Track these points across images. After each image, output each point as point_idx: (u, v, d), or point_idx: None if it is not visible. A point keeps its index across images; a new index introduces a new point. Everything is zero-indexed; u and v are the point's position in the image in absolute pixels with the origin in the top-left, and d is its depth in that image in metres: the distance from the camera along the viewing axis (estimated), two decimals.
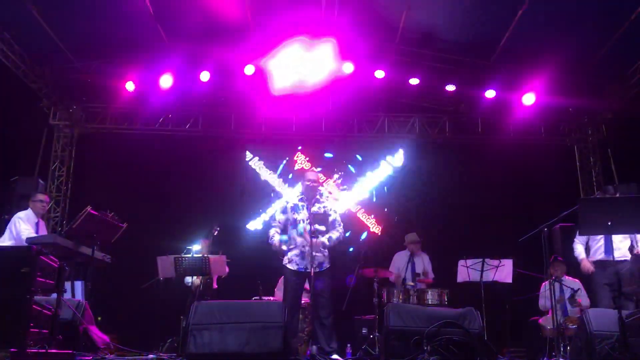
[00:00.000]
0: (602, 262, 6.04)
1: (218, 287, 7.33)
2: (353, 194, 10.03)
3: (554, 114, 9.86)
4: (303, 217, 5.47)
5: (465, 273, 6.79)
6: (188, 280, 7.12)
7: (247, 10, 8.11)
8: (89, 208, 5.12)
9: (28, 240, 5.12)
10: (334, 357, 5.20)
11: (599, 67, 8.49)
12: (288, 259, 5.46)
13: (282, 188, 9.98)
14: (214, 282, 7.27)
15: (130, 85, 9.08)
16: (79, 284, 6.95)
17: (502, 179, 9.46)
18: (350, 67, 8.81)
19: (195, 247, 7.26)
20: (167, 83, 9.04)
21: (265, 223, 9.56)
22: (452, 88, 9.31)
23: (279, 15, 8.36)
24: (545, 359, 6.01)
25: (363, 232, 9.82)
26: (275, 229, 5.53)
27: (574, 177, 10.02)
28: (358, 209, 9.95)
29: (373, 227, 9.85)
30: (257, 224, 9.79)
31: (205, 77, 9.02)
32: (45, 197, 6.32)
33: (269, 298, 7.13)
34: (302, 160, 10.12)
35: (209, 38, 8.73)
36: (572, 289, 6.47)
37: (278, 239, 5.46)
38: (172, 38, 8.49)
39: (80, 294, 6.85)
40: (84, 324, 5.12)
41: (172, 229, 8.59)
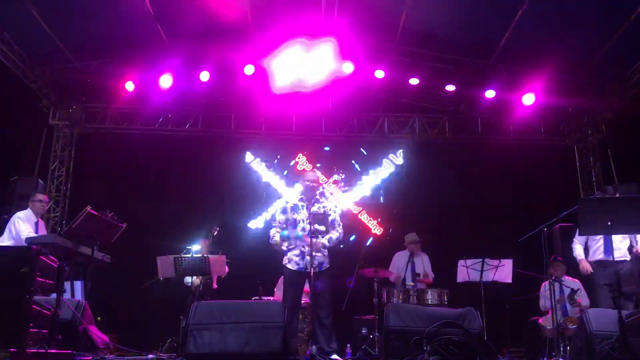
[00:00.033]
0: (601, 262, 6.05)
1: (218, 287, 7.33)
2: (354, 194, 10.02)
3: (554, 114, 9.87)
4: (303, 217, 5.46)
5: (465, 273, 6.79)
6: (188, 280, 7.12)
7: (246, 11, 8.12)
8: (89, 208, 5.12)
9: (27, 240, 5.12)
10: (334, 357, 5.20)
11: (599, 67, 8.50)
12: (288, 259, 5.45)
13: (282, 188, 9.97)
14: (214, 282, 7.26)
15: (130, 85, 9.08)
16: (79, 284, 6.94)
17: (502, 179, 9.46)
18: (350, 67, 8.81)
19: (195, 247, 7.26)
20: (166, 83, 9.04)
21: (267, 222, 9.56)
22: (452, 88, 9.31)
23: (279, 15, 8.37)
24: (545, 359, 6.02)
25: (363, 232, 9.80)
26: (276, 229, 5.54)
27: (574, 177, 10.01)
28: (359, 211, 9.93)
29: (374, 228, 9.84)
30: (258, 223, 9.79)
31: (205, 77, 9.02)
32: (45, 197, 6.31)
33: (269, 298, 7.12)
34: (303, 162, 10.11)
35: (209, 38, 8.74)
36: (571, 289, 6.47)
37: (279, 237, 5.46)
38: (171, 38, 8.49)
39: (80, 294, 6.84)
40: (84, 324, 5.12)
41: (171, 229, 8.58)
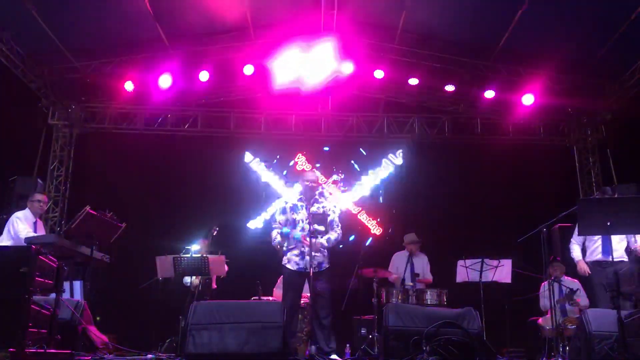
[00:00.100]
0: (599, 262, 6.05)
1: (217, 287, 7.32)
2: (353, 194, 10.02)
3: (553, 114, 9.87)
4: (302, 217, 5.46)
5: (465, 273, 6.79)
6: (187, 280, 7.11)
7: (246, 11, 8.11)
8: (88, 208, 5.12)
9: (27, 240, 5.11)
10: (333, 357, 5.20)
11: (598, 67, 8.50)
12: (287, 259, 5.45)
13: (281, 188, 9.96)
14: (213, 282, 7.25)
15: (130, 85, 9.07)
16: (78, 284, 6.92)
17: (501, 179, 9.45)
18: (350, 67, 8.81)
19: (194, 247, 7.25)
20: (166, 83, 9.03)
21: (266, 222, 9.55)
22: (451, 88, 9.31)
23: (278, 16, 8.37)
24: (545, 359, 6.02)
25: (363, 232, 9.79)
26: (277, 230, 5.54)
27: (573, 177, 10.01)
28: (359, 211, 9.92)
29: (374, 228, 9.83)
30: (257, 223, 9.78)
31: (205, 77, 9.02)
32: (44, 197, 6.30)
33: (268, 298, 7.12)
34: (302, 162, 10.11)
35: (208, 38, 8.75)
36: (571, 290, 6.47)
37: (280, 238, 5.47)
38: (171, 38, 8.49)
39: (79, 294, 6.82)
40: (83, 324, 5.11)
41: (171, 229, 8.58)
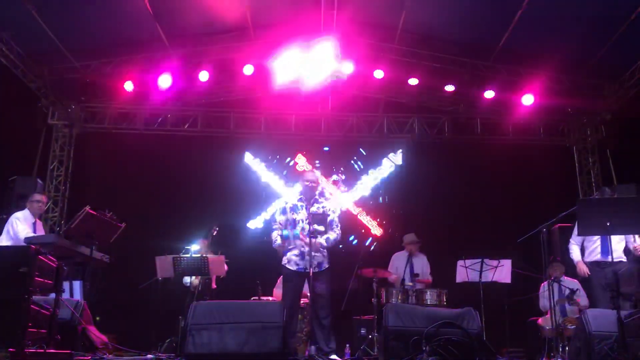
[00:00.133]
0: (598, 262, 6.03)
1: (217, 287, 7.32)
2: (353, 194, 10.01)
3: (553, 115, 9.87)
4: (302, 217, 5.46)
5: (464, 273, 6.78)
6: (187, 280, 7.12)
7: (246, 11, 8.11)
8: (88, 208, 5.12)
9: (27, 240, 5.11)
10: (333, 357, 5.20)
11: (598, 67, 8.51)
12: (287, 259, 5.45)
13: (281, 188, 9.96)
14: (213, 282, 7.25)
15: (129, 85, 9.06)
16: (78, 284, 6.91)
17: (501, 179, 9.45)
18: (350, 67, 8.80)
19: (194, 247, 7.25)
20: (166, 83, 9.03)
21: (266, 222, 9.55)
22: (451, 88, 9.31)
23: (278, 16, 8.37)
24: (544, 359, 6.02)
25: (364, 234, 9.77)
26: (277, 232, 5.55)
27: (573, 177, 10.01)
28: (359, 211, 9.92)
29: (374, 228, 9.82)
30: (257, 223, 9.77)
31: (204, 77, 9.01)
32: (43, 197, 6.30)
33: (268, 298, 7.12)
34: (302, 162, 10.10)
35: (208, 38, 8.74)
36: (571, 290, 6.47)
37: (280, 239, 5.47)
38: (171, 38, 8.49)
39: (79, 294, 6.82)
40: (83, 324, 5.10)
41: (170, 229, 8.57)
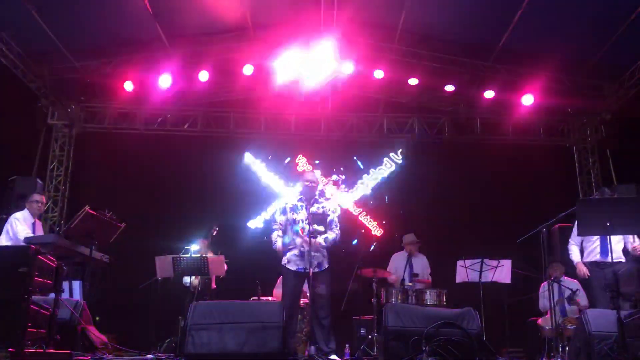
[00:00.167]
0: (597, 263, 6.03)
1: (217, 287, 7.32)
2: (353, 194, 9.99)
3: (553, 115, 9.88)
4: (302, 217, 5.47)
5: (464, 273, 6.78)
6: (186, 280, 7.12)
7: (246, 11, 8.11)
8: (87, 208, 5.12)
9: (26, 240, 5.11)
10: (332, 357, 5.20)
11: (598, 67, 8.51)
12: (287, 259, 5.45)
13: (281, 188, 9.95)
14: (213, 282, 7.26)
15: (129, 85, 9.06)
16: (77, 284, 6.91)
17: (501, 180, 9.45)
18: (350, 66, 8.80)
19: (194, 247, 7.25)
20: (166, 83, 9.03)
21: (266, 222, 9.54)
22: (451, 88, 9.31)
23: (278, 15, 8.37)
24: (544, 359, 6.02)
25: (366, 236, 9.74)
26: (277, 232, 5.55)
27: (573, 177, 10.02)
28: (359, 212, 9.90)
29: (374, 229, 9.81)
30: (257, 223, 9.76)
31: (204, 77, 9.01)
32: (42, 197, 6.29)
33: (268, 298, 7.12)
34: (302, 162, 10.09)
35: (208, 38, 8.74)
36: (570, 290, 6.47)
37: (281, 243, 5.48)
38: (171, 38, 8.49)
39: (78, 294, 6.82)
40: (82, 324, 5.10)
41: (170, 229, 8.56)
